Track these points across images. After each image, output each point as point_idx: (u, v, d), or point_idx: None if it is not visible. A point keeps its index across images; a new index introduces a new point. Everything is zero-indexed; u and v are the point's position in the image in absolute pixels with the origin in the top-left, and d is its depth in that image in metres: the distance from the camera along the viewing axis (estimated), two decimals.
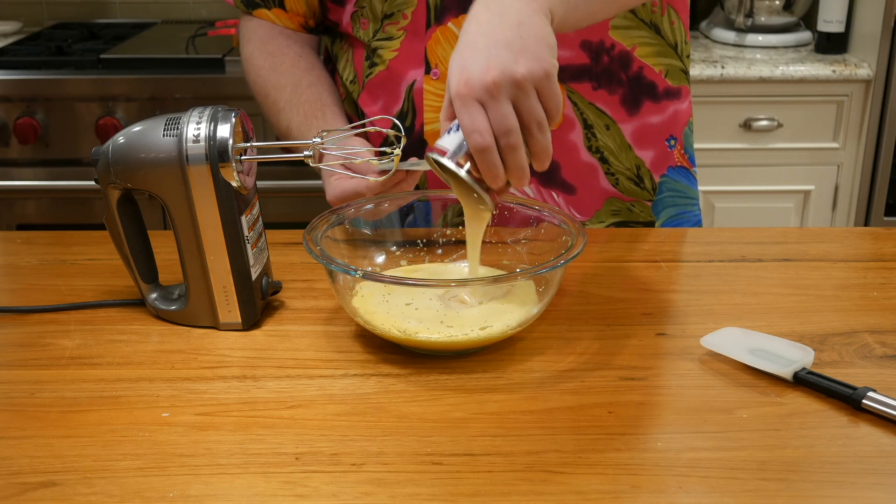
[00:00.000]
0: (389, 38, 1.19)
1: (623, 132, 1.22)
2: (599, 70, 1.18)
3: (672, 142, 1.26)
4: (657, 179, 1.26)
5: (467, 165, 0.85)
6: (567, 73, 1.17)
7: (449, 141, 0.85)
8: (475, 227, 0.94)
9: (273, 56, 1.26)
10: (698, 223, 1.33)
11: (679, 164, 1.28)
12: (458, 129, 0.84)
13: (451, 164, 0.85)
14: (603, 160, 1.22)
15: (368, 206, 1.03)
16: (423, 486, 0.72)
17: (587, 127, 1.20)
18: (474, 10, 0.88)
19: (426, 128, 1.20)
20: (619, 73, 1.19)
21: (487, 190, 0.86)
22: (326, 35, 1.31)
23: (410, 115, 1.20)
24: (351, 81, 1.25)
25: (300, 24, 1.28)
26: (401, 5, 1.16)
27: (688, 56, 1.25)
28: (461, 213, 0.94)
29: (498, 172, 0.84)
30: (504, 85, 0.82)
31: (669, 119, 1.25)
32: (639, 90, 1.21)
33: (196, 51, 2.36)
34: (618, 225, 1.26)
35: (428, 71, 1.18)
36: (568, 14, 0.91)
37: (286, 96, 1.23)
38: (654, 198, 1.27)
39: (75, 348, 0.92)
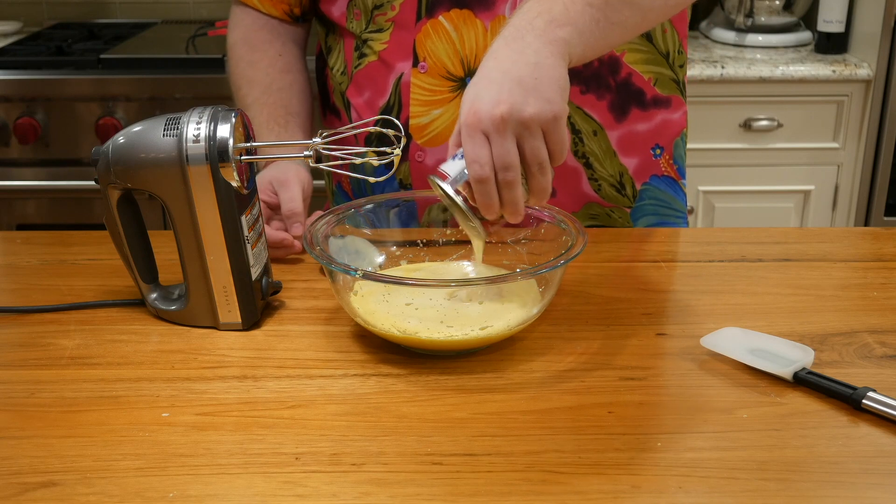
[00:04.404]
0: (380, 30, 1.19)
1: (609, 138, 1.21)
2: (588, 74, 1.17)
3: (658, 150, 1.25)
4: (639, 187, 1.25)
5: (465, 193, 0.88)
6: None
7: (452, 167, 0.88)
8: (474, 247, 0.96)
9: (254, 50, 1.28)
10: None
11: (665, 173, 1.27)
12: (462, 157, 0.87)
13: (449, 189, 0.88)
14: (588, 165, 1.22)
15: (368, 206, 1.03)
16: (423, 486, 0.72)
17: (575, 132, 1.19)
18: (495, 45, 0.90)
19: (412, 121, 1.19)
20: (608, 77, 1.18)
21: (481, 219, 0.89)
22: (321, 26, 1.31)
23: (396, 107, 1.20)
24: (341, 73, 1.25)
25: (284, 12, 1.29)
26: None
27: (681, 66, 1.23)
28: (445, 210, 0.95)
29: (492, 203, 0.86)
30: (511, 122, 0.84)
31: (657, 128, 1.24)
32: (626, 96, 1.20)
33: (196, 51, 2.36)
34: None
35: (416, 64, 1.18)
36: (586, 52, 0.93)
37: (255, 94, 1.25)
38: (633, 205, 1.26)
39: (75, 348, 0.92)
